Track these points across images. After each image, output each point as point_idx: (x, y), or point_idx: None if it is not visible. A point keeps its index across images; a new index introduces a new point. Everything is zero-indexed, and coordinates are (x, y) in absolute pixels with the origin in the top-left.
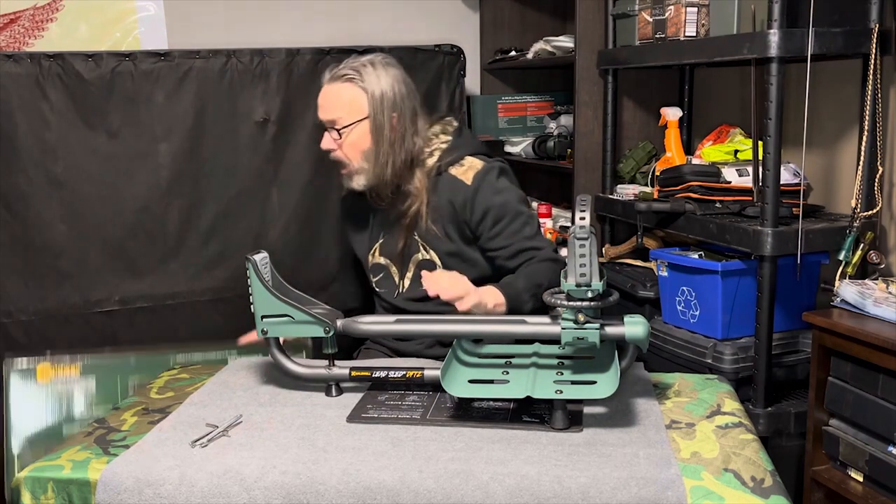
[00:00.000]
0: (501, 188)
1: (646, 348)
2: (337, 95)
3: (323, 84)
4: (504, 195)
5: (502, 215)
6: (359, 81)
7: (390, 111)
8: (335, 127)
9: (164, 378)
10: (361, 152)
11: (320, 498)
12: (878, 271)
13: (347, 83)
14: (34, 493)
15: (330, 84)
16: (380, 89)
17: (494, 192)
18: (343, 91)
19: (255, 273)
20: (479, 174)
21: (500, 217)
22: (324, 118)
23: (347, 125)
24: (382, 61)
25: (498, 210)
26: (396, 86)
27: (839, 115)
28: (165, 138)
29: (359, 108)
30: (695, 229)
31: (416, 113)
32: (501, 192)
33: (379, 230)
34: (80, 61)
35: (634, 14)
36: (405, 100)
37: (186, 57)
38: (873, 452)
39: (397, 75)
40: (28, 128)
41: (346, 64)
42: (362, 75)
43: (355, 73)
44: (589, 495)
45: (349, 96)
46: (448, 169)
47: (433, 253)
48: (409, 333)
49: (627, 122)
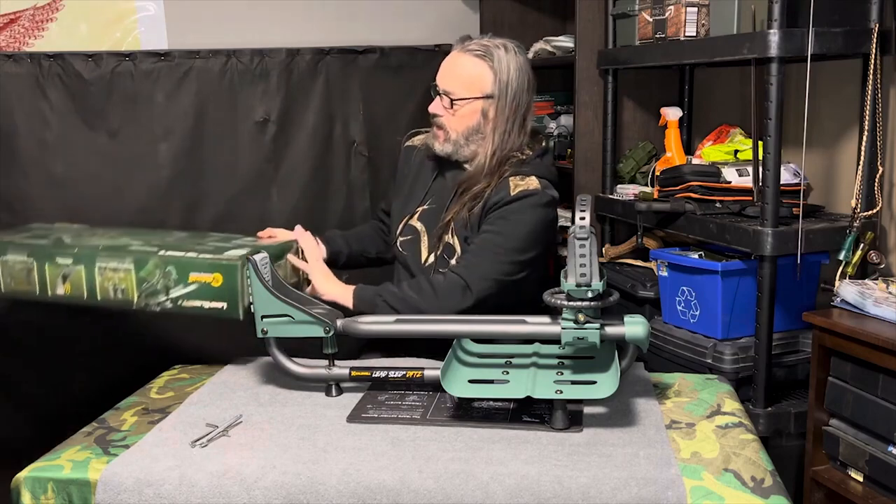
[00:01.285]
0: (523, 215)
1: (646, 348)
2: (461, 67)
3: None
4: (514, 223)
5: (492, 228)
6: (489, 61)
7: (511, 99)
8: (450, 97)
9: (164, 378)
10: (466, 127)
11: (320, 498)
12: (878, 271)
13: (476, 58)
14: (34, 493)
15: (458, 53)
16: (507, 75)
17: (516, 211)
18: (469, 64)
19: (255, 273)
20: (526, 192)
21: (490, 228)
22: (441, 85)
23: (463, 98)
24: (515, 48)
25: (495, 222)
26: (521, 76)
27: (839, 115)
28: (165, 138)
29: (480, 86)
30: (695, 229)
31: (530, 109)
32: (517, 219)
33: (430, 196)
34: (80, 61)
35: (634, 14)
36: (525, 93)
37: (186, 57)
38: (873, 452)
39: (524, 66)
40: (28, 128)
41: (479, 39)
42: (494, 56)
43: (486, 51)
44: (589, 495)
45: (475, 72)
46: (513, 176)
47: (456, 239)
48: (410, 333)
49: (627, 122)
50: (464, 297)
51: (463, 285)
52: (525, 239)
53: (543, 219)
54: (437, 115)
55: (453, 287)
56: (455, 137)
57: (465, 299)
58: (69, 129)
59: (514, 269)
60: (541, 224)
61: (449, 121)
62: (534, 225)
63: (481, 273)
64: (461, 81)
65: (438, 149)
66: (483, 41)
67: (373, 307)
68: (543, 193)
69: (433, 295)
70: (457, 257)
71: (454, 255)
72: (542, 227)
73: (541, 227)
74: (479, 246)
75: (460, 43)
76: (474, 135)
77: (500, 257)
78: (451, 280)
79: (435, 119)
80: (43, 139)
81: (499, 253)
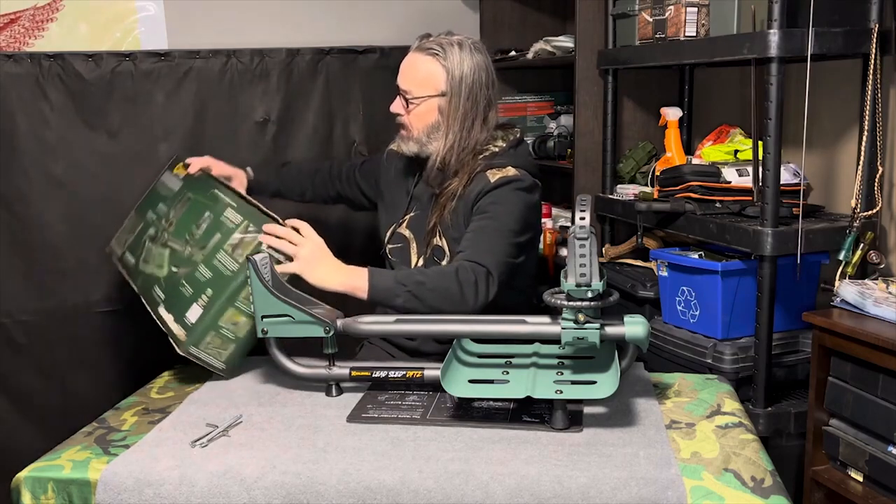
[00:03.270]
0: (509, 199)
1: (646, 348)
2: (415, 66)
3: (410, 51)
4: (504, 205)
5: (484, 215)
6: (441, 58)
7: (465, 96)
8: (406, 96)
9: (165, 378)
10: (426, 125)
11: (320, 498)
12: (878, 271)
13: (430, 57)
14: (34, 493)
15: (414, 53)
16: (460, 71)
17: (502, 196)
18: (423, 63)
19: (255, 273)
20: (504, 179)
21: (482, 216)
22: (399, 84)
23: (418, 97)
24: (471, 45)
25: (486, 209)
26: (477, 72)
27: (839, 115)
28: (165, 138)
29: (433, 84)
30: (695, 229)
31: (491, 105)
32: (505, 202)
33: (414, 203)
34: (80, 61)
35: (634, 14)
36: (482, 88)
37: (186, 57)
38: (873, 452)
39: (481, 63)
40: (28, 128)
41: (436, 37)
42: (446, 53)
43: (440, 49)
44: (589, 495)
45: (427, 70)
46: (488, 169)
47: (445, 241)
48: (409, 333)
49: (627, 122)
50: (489, 285)
51: (485, 272)
52: (518, 220)
53: (528, 202)
54: (399, 114)
55: (479, 277)
56: (417, 135)
57: (491, 287)
58: (69, 129)
59: (516, 252)
60: (527, 208)
61: (409, 119)
62: (521, 206)
63: (496, 258)
64: (415, 80)
65: (404, 148)
66: (439, 39)
67: (393, 297)
68: (524, 178)
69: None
70: (447, 259)
71: (444, 257)
72: (529, 211)
73: (528, 211)
74: (479, 233)
75: (417, 41)
76: (435, 132)
77: (504, 239)
78: (477, 270)
79: (397, 119)
80: (43, 139)
81: (502, 235)
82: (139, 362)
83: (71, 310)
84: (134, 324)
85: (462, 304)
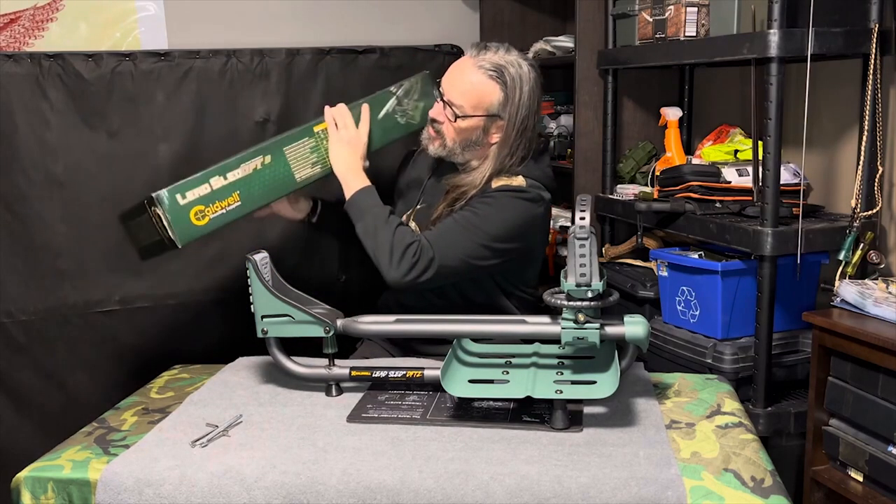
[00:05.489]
0: (503, 204)
1: (646, 348)
2: (470, 82)
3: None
4: (493, 207)
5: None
6: (500, 82)
7: (519, 123)
8: (455, 110)
9: (165, 378)
10: (465, 139)
11: (320, 498)
12: (878, 271)
13: (491, 80)
14: (34, 492)
15: (470, 67)
16: (519, 98)
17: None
18: (481, 83)
19: (255, 273)
20: (507, 186)
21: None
22: (448, 95)
23: (469, 115)
24: (530, 67)
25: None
26: (532, 98)
27: (839, 115)
28: (165, 138)
29: (487, 105)
30: (695, 229)
31: (532, 129)
32: (496, 205)
33: (424, 197)
34: (80, 61)
35: (634, 14)
36: (533, 115)
37: (186, 57)
38: (873, 452)
39: (536, 87)
40: (28, 128)
41: (497, 54)
42: (506, 77)
43: (500, 72)
44: (589, 495)
45: (484, 90)
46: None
47: None
48: (410, 333)
49: (627, 122)
50: (426, 269)
51: (430, 258)
52: (501, 226)
53: (526, 213)
54: (438, 121)
55: (422, 258)
56: (451, 146)
57: (427, 272)
58: (69, 129)
59: (484, 254)
60: (522, 217)
61: (448, 129)
62: (514, 215)
63: (452, 251)
64: (469, 98)
65: (431, 150)
66: (498, 58)
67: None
68: (529, 189)
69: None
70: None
71: None
72: (523, 221)
73: (522, 221)
74: (452, 223)
75: (475, 51)
76: (471, 146)
77: (473, 237)
78: (424, 251)
79: (434, 123)
80: (43, 139)
81: (473, 234)
82: (139, 362)
83: (71, 310)
84: (134, 324)
85: (388, 270)
